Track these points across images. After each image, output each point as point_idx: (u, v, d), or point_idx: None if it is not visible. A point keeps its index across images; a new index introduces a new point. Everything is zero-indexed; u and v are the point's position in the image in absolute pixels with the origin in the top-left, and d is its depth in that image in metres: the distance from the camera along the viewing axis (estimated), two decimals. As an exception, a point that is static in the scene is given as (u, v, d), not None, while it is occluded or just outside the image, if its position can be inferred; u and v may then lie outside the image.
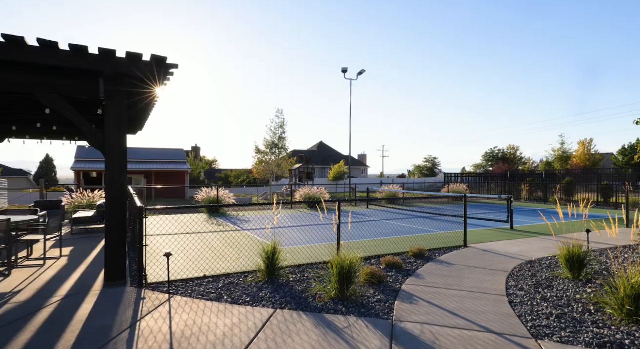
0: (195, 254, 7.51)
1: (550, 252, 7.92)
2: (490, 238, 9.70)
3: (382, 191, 20.85)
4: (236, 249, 8.02)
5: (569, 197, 21.91)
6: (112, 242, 5.52)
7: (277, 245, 6.02)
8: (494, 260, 7.25)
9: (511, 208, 11.37)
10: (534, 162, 65.60)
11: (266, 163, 29.68)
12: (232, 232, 10.72)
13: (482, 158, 69.85)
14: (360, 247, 8.33)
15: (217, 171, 56.01)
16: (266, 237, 9.73)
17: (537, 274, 6.17)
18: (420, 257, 7.58)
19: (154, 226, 11.07)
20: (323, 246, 8.55)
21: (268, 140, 30.15)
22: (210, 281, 5.80)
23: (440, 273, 6.30)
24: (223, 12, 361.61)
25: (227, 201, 16.33)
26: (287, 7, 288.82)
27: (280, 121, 30.28)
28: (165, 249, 7.87)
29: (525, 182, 23.87)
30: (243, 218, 14.45)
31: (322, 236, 9.86)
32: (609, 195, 20.47)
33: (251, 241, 9.09)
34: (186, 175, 29.31)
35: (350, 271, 4.93)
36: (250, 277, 5.99)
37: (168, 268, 5.30)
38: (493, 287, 5.50)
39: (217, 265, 6.69)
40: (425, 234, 10.33)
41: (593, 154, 48.26)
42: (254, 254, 7.43)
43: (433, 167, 78.53)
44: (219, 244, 8.71)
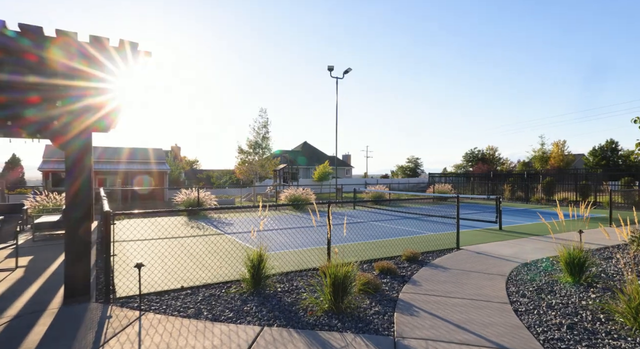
0: (172, 262, 6.92)
1: (544, 253, 7.70)
2: (481, 239, 9.45)
3: (369, 191, 20.55)
4: (218, 255, 7.47)
5: (549, 196, 22.19)
6: (73, 252, 4.89)
7: (264, 252, 5.53)
8: (489, 263, 6.95)
9: (499, 209, 11.19)
10: (511, 163, 67.04)
11: (249, 163, 28.96)
12: (214, 237, 10.12)
13: (462, 158, 70.94)
14: (351, 251, 7.91)
15: (198, 172, 54.68)
16: (250, 241, 9.19)
17: (535, 278, 5.89)
18: (414, 261, 7.22)
19: (127, 230, 10.35)
20: (311, 251, 8.09)
21: (251, 140, 29.44)
22: (188, 294, 5.25)
23: (437, 279, 5.94)
24: (205, 8, 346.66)
25: (208, 202, 15.64)
26: (270, 3, 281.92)
27: (264, 121, 29.63)
28: (137, 259, 7.24)
29: (507, 182, 24.05)
30: (225, 221, 13.82)
31: (310, 239, 9.40)
32: (587, 194, 20.80)
33: (234, 246, 8.54)
34: (165, 176, 28.29)
35: (346, 281, 4.48)
36: (234, 288, 5.48)
37: (139, 281, 4.72)
38: (494, 293, 5.17)
39: (197, 274, 6.13)
40: (416, 236, 10.00)
41: (566, 154, 49.65)
42: (238, 261, 6.90)
43: (415, 168, 79.25)
44: (199, 250, 8.13)
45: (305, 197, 17.81)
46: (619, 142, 60.84)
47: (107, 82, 5.76)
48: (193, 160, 62.97)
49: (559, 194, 21.94)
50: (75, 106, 5.19)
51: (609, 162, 58.34)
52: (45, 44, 4.49)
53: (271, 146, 30.26)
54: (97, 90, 5.78)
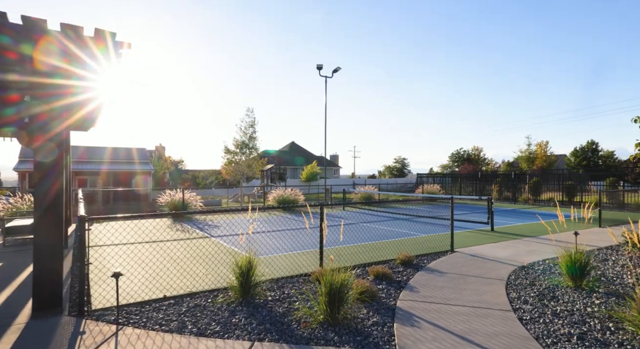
0: (154, 269, 6.50)
1: (539, 256, 7.57)
2: (475, 241, 9.30)
3: (358, 192, 20.32)
4: (204, 261, 7.07)
5: (536, 196, 22.38)
6: (43, 259, 4.46)
7: (253, 258, 5.19)
8: (485, 267, 6.76)
9: (492, 209, 11.08)
10: (496, 163, 68.03)
11: (236, 163, 28.42)
12: (199, 240, 9.70)
13: (448, 159, 71.64)
14: (343, 254, 7.63)
15: (183, 172, 53.63)
16: (238, 245, 8.81)
17: (535, 282, 5.71)
18: (409, 265, 6.98)
19: (107, 234, 9.84)
20: (302, 255, 7.77)
21: (238, 140, 28.90)
22: (171, 304, 4.87)
23: (435, 284, 5.69)
24: (190, 6, 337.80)
25: (193, 204, 15.14)
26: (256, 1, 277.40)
27: (251, 120, 29.12)
28: (116, 266, 6.79)
29: (495, 183, 24.19)
30: (211, 223, 13.38)
31: (300, 242, 9.08)
32: (573, 194, 21.04)
33: (221, 251, 8.15)
34: (149, 176, 27.52)
35: (342, 290, 4.18)
36: (221, 297, 5.12)
37: (117, 292, 4.33)
38: (495, 300, 4.95)
39: (181, 282, 5.74)
40: (409, 238, 9.79)
41: (549, 155, 50.61)
42: (225, 267, 6.53)
43: (402, 168, 79.68)
44: (184, 255, 7.72)
45: (294, 198, 17.46)
46: (599, 143, 62.42)
47: (83, 75, 5.33)
48: (178, 160, 61.83)
49: (545, 194, 22.15)
50: (47, 102, 4.76)
51: (589, 163, 59.73)
52: (8, 33, 4.06)
53: (258, 146, 29.80)
54: (73, 85, 5.35)
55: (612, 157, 61.91)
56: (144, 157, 28.97)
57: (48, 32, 4.30)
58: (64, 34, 4.36)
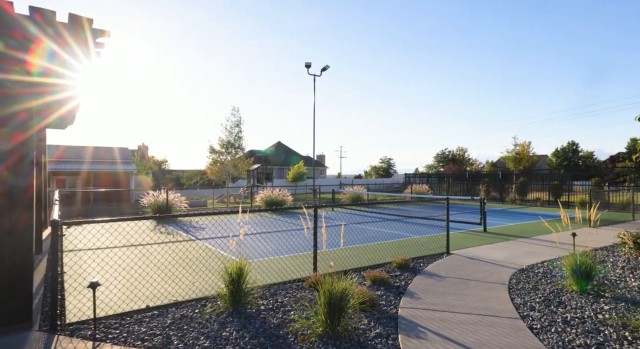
0: (136, 276, 6.05)
1: (536, 258, 7.42)
2: (469, 243, 9.12)
3: (346, 192, 20.07)
4: (190, 266, 6.66)
5: (522, 196, 22.57)
6: (10, 267, 4.00)
7: (244, 264, 4.83)
8: (484, 270, 6.56)
9: (484, 210, 10.96)
10: (480, 163, 69.05)
11: (221, 163, 27.81)
12: (185, 244, 9.25)
13: (433, 159, 72.32)
14: (336, 257, 7.32)
15: (167, 172, 52.47)
16: (226, 248, 8.41)
17: (538, 286, 5.52)
18: (405, 268, 6.72)
19: (85, 238, 9.28)
20: (294, 258, 7.43)
21: (223, 139, 28.29)
22: (155, 315, 4.47)
23: (435, 290, 5.44)
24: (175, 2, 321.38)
25: (178, 205, 14.60)
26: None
27: (237, 120, 28.54)
28: (94, 273, 6.32)
29: (482, 183, 24.32)
30: (197, 225, 12.89)
31: (291, 245, 8.72)
32: (558, 194, 21.28)
33: (208, 255, 7.73)
34: (131, 176, 26.67)
35: (343, 300, 3.86)
36: (209, 306, 4.74)
37: (94, 304, 3.91)
38: (500, 306, 4.72)
39: (165, 290, 5.33)
40: (402, 240, 9.56)
41: (531, 155, 51.59)
42: (213, 273, 6.14)
43: (388, 168, 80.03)
44: (168, 260, 7.28)
45: (282, 199, 17.08)
46: (579, 144, 64.00)
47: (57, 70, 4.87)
48: (161, 160, 60.55)
49: (532, 194, 22.36)
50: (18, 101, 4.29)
51: (570, 163, 61.14)
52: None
53: (244, 146, 29.28)
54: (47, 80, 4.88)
55: (592, 157, 63.56)
56: (126, 156, 28.09)
57: (12, 17, 3.85)
58: (33, 19, 3.91)
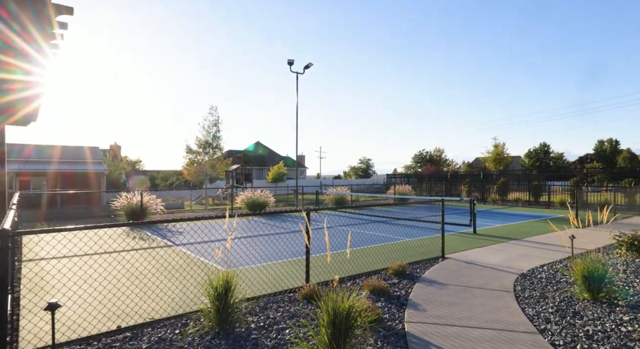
0: (106, 289, 5.36)
1: (534, 261, 7.18)
2: (462, 245, 8.83)
3: (330, 193, 19.62)
4: (168, 276, 5.99)
5: (503, 196, 22.79)
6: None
7: (232, 276, 4.26)
8: (484, 275, 6.23)
9: (474, 212, 10.75)
10: (456, 164, 70.33)
11: (198, 164, 26.80)
12: (161, 250, 8.52)
13: (412, 159, 73.13)
14: (326, 264, 6.83)
15: (141, 173, 50.55)
16: (207, 255, 7.76)
17: (546, 294, 5.21)
18: (403, 275, 6.32)
19: (47, 245, 8.40)
20: (283, 265, 6.88)
21: (201, 139, 27.29)
22: (127, 339, 3.84)
23: (439, 299, 5.04)
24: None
25: (153, 208, 13.73)
26: None
27: (215, 119, 27.59)
28: (54, 292, 5.55)
29: (464, 183, 24.44)
30: (174, 229, 12.10)
31: (279, 250, 8.16)
32: (538, 195, 21.59)
33: (187, 263, 7.08)
34: (102, 177, 25.28)
35: (349, 318, 3.37)
36: (192, 325, 4.15)
37: (53, 329, 3.26)
38: (513, 318, 4.35)
39: (140, 307, 4.68)
40: (394, 243, 9.17)
41: (506, 156, 52.90)
42: (195, 284, 5.52)
43: (367, 169, 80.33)
44: (143, 269, 6.57)
45: (264, 201, 16.45)
46: (550, 146, 66.18)
47: (12, 59, 4.19)
48: (135, 160, 58.36)
49: (512, 195, 22.60)
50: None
51: (542, 164, 63.13)
52: None
53: (222, 146, 28.38)
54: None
55: (562, 158, 65.87)
56: (97, 156, 26.66)
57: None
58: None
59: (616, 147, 65.95)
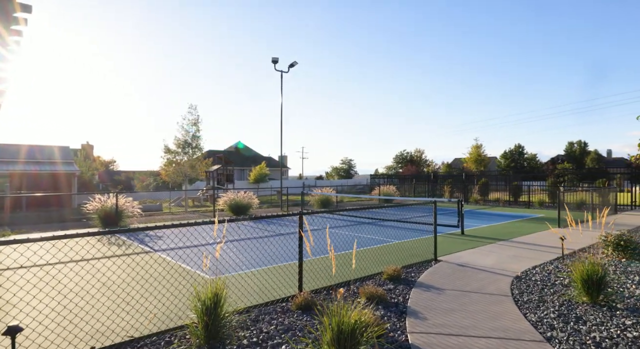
0: (77, 306, 4.88)
1: (526, 263, 7.12)
2: (452, 247, 8.73)
3: (315, 194, 19.33)
4: (147, 287, 5.54)
5: (484, 196, 23.13)
6: None
7: (221, 288, 3.91)
8: (480, 279, 6.10)
9: (462, 212, 10.71)
10: (436, 164, 71.52)
11: (177, 164, 25.97)
12: (139, 257, 8.01)
13: (393, 160, 73.88)
14: (318, 268, 6.55)
15: (115, 173, 48.76)
16: (190, 261, 7.31)
17: (544, 298, 5.10)
18: (398, 280, 6.11)
19: (14, 251, 7.74)
20: (272, 271, 6.55)
21: (180, 138, 26.47)
22: (104, 363, 3.43)
23: (438, 306, 4.84)
24: None
25: (130, 211, 13.06)
26: None
27: (194, 118, 26.83)
28: (16, 310, 5.01)
29: (447, 183, 24.67)
30: (153, 233, 11.52)
31: (267, 254, 7.81)
32: (518, 194, 22.01)
33: (169, 269, 6.61)
34: (73, 178, 24.08)
35: (355, 334, 3.09)
36: (177, 344, 3.77)
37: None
38: (516, 325, 4.19)
39: (116, 321, 4.25)
40: (384, 246, 8.98)
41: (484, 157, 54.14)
42: (177, 296, 5.11)
43: (349, 169, 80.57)
44: (119, 279, 6.09)
45: (248, 202, 15.99)
46: (524, 147, 68.18)
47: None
48: (109, 160, 56.31)
49: (493, 195, 22.97)
50: None
51: (516, 164, 64.95)
52: None
53: (202, 145, 27.66)
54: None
55: (535, 159, 68.01)
56: (67, 156, 25.39)
57: None
58: None
59: (585, 148, 68.67)
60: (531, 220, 14.37)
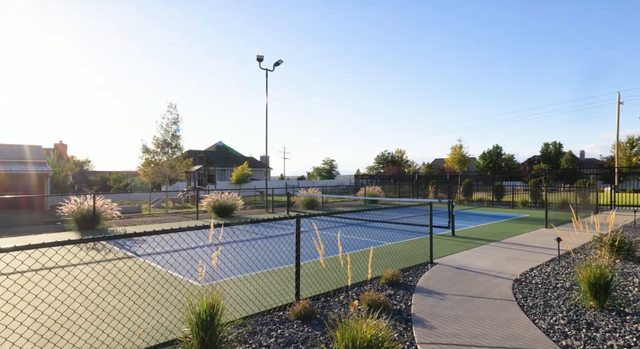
0: (49, 319, 4.43)
1: (522, 265, 7.05)
2: (446, 249, 8.62)
3: (300, 195, 19.01)
4: (132, 297, 5.12)
5: (468, 197, 23.38)
6: None
7: (218, 298, 3.58)
8: (480, 282, 5.96)
9: (452, 213, 10.64)
10: (417, 165, 72.40)
11: (156, 164, 25.10)
12: (120, 262, 7.51)
13: (374, 160, 74.33)
14: (313, 273, 6.27)
15: (90, 174, 46.94)
16: (178, 266, 6.88)
17: (550, 302, 4.98)
18: (396, 284, 5.90)
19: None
20: (265, 276, 6.22)
21: (159, 138, 25.59)
22: (88, 388, 3.04)
23: (444, 313, 4.64)
24: None
25: (108, 213, 12.40)
26: None
27: (174, 117, 26.01)
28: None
29: (431, 184, 24.82)
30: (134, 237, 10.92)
31: (258, 258, 7.46)
32: (501, 195, 22.34)
33: (154, 276, 6.18)
34: (46, 179, 22.91)
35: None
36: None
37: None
38: (528, 333, 4.04)
39: (98, 338, 3.84)
40: (377, 248, 8.77)
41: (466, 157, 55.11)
42: (167, 305, 4.72)
43: (331, 170, 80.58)
44: (99, 288, 5.62)
45: (232, 203, 15.54)
46: (502, 148, 69.84)
47: None
48: (83, 160, 54.26)
49: (476, 195, 23.24)
50: None
51: (495, 165, 66.47)
52: None
53: (182, 145, 26.87)
54: None
55: (512, 160, 69.78)
56: (39, 156, 24.16)
57: None
58: None
59: (560, 149, 70.93)
60: (517, 220, 14.52)
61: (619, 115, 36.95)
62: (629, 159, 46.68)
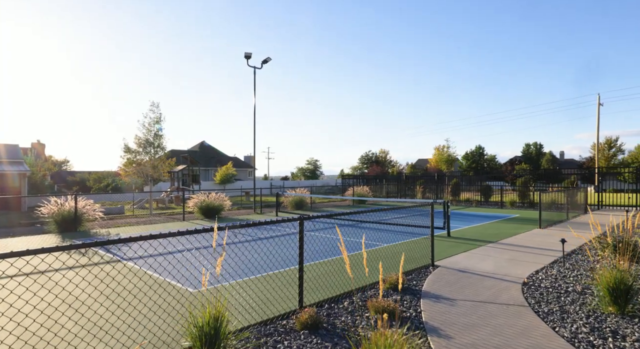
0: (27, 331, 3.96)
1: (527, 267, 6.90)
2: (445, 251, 8.44)
3: (288, 195, 18.63)
4: (122, 305, 4.67)
5: (455, 197, 23.47)
6: None
7: (222, 309, 3.23)
8: (487, 286, 5.77)
9: (448, 214, 10.49)
10: (400, 165, 72.89)
11: (138, 164, 24.26)
12: (106, 267, 7.00)
13: (358, 160, 74.48)
14: (313, 277, 5.96)
15: (69, 174, 45.31)
16: (171, 269, 6.43)
17: (566, 308, 4.79)
18: (401, 289, 5.63)
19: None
20: (264, 280, 5.85)
21: (141, 137, 24.75)
22: None
23: (458, 321, 4.40)
24: None
25: (91, 214, 11.76)
26: None
27: (156, 116, 25.22)
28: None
29: (418, 184, 24.82)
30: (117, 237, 10.35)
31: (254, 261, 7.07)
32: (488, 195, 22.50)
33: (146, 280, 5.72)
34: (23, 179, 21.82)
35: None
36: (168, 385, 3.04)
37: None
38: (552, 344, 3.82)
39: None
40: (373, 249, 8.52)
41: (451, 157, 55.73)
42: (162, 314, 4.31)
43: (315, 170, 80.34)
44: (85, 296, 5.14)
45: (220, 204, 15.05)
46: (485, 148, 71.02)
47: None
48: (62, 160, 52.43)
49: (464, 195, 23.34)
50: None
51: (477, 165, 67.53)
52: None
53: (165, 145, 26.11)
54: None
55: (494, 160, 71.04)
56: (15, 155, 23.02)
57: None
58: None
59: (540, 150, 72.60)
60: (509, 220, 14.54)
61: (599, 116, 37.89)
62: (607, 160, 48.08)
